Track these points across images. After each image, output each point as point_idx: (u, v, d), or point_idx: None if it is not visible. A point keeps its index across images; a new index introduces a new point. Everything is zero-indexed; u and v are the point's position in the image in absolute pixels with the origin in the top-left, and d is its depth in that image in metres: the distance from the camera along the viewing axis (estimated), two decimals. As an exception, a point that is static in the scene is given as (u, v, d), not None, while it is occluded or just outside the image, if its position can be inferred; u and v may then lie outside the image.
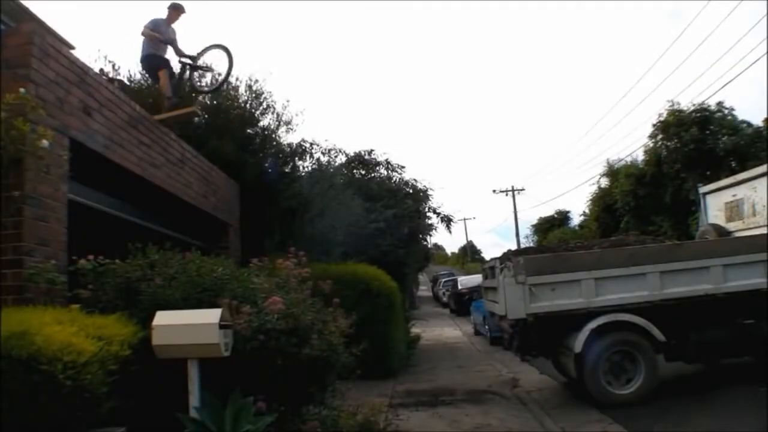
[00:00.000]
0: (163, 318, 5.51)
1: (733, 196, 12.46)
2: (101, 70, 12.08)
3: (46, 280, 5.90)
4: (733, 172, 18.71)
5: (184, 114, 11.22)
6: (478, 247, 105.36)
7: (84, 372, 4.19)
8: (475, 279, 27.47)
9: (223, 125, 14.03)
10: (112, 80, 11.52)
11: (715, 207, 13.24)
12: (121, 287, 6.11)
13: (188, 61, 11.54)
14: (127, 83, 13.73)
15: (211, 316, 5.51)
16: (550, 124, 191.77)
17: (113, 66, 13.69)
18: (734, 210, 12.41)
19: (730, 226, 12.34)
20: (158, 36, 11.09)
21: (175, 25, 11.52)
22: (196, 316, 5.58)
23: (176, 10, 11.55)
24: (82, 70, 7.22)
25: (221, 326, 5.47)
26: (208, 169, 11.46)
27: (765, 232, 10.90)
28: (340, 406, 7.50)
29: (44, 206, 6.19)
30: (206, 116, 13.93)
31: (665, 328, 10.35)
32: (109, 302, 5.93)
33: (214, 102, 14.61)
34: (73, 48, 7.86)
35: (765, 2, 28.24)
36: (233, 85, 14.99)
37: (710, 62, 70.78)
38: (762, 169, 11.69)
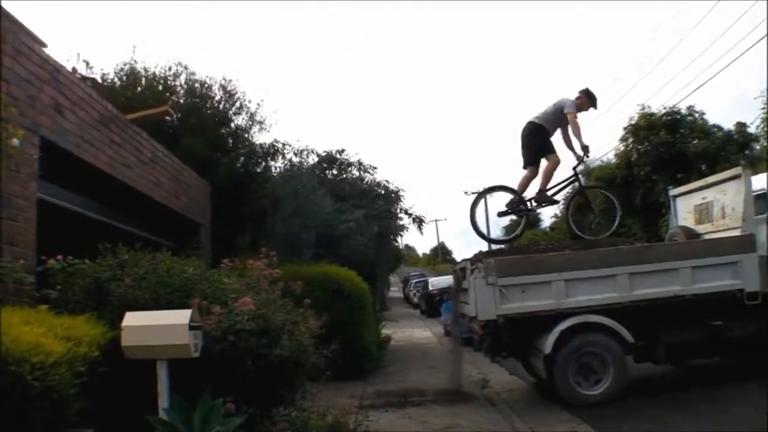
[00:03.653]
0: (132, 319, 5.48)
1: (703, 199, 12.56)
2: (74, 68, 11.98)
3: (14, 280, 5.82)
4: (703, 176, 18.88)
5: (157, 113, 11.17)
6: (450, 249, 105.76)
7: (52, 373, 4.17)
8: (446, 280, 27.52)
9: (196, 124, 13.99)
10: (85, 79, 11.41)
11: (684, 210, 13.34)
12: (91, 287, 6.07)
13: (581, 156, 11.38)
14: (100, 82, 13.64)
15: (181, 316, 5.49)
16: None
17: (87, 64, 13.60)
18: (703, 213, 12.50)
19: (700, 229, 12.44)
20: (578, 126, 10.89)
21: (580, 115, 11.13)
22: (165, 316, 5.56)
23: (589, 101, 11.28)
24: (54, 68, 7.18)
25: (191, 327, 5.45)
26: (180, 169, 11.42)
27: (733, 234, 11.05)
28: (310, 408, 7.51)
29: (13, 205, 6.13)
30: (179, 115, 13.88)
31: (635, 329, 10.45)
32: (78, 303, 5.88)
33: (188, 101, 14.57)
34: (45, 46, 7.77)
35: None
36: (207, 84, 14.98)
37: (682, 66, 71.44)
38: (732, 172, 11.81)
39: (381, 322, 21.98)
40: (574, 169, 11.65)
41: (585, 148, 11.16)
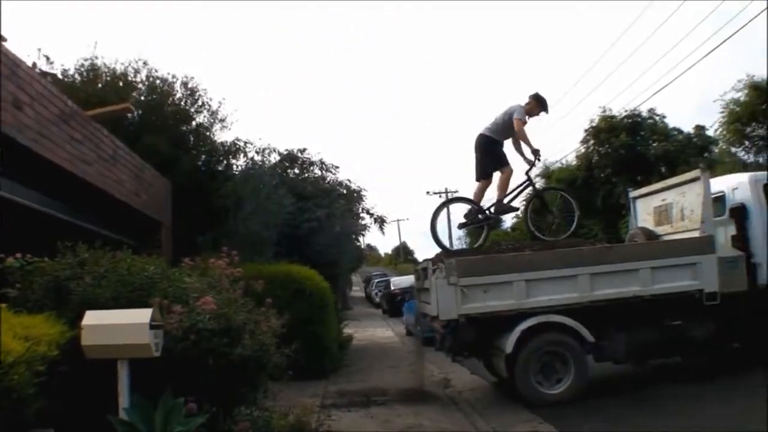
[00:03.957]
0: (92, 318, 5.43)
1: (663, 200, 12.70)
2: (34, 63, 11.80)
3: (-29, 279, 5.76)
4: (663, 178, 19.11)
5: (118, 110, 11.05)
6: (411, 248, 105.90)
7: (11, 373, 4.12)
8: (408, 280, 27.58)
9: (157, 122, 13.86)
10: (45, 74, 11.23)
11: (644, 211, 13.49)
12: (50, 286, 5.99)
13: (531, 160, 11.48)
14: (61, 77, 13.44)
15: (142, 315, 5.45)
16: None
17: (47, 59, 13.40)
18: (663, 214, 12.64)
19: (659, 230, 12.58)
20: (524, 132, 11.00)
21: (531, 120, 11.28)
22: (126, 315, 5.52)
23: (539, 105, 11.36)
24: (14, 62, 7.07)
25: (152, 326, 5.41)
26: (141, 166, 11.30)
27: (693, 236, 11.21)
28: (272, 407, 7.48)
29: (-30, 202, 6.05)
30: (140, 112, 13.75)
31: (595, 329, 10.57)
32: (38, 301, 5.79)
33: (149, 98, 14.44)
34: (5, 40, 7.66)
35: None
36: (168, 81, 14.85)
37: (644, 69, 72.47)
38: (691, 174, 11.96)
39: (343, 322, 21.94)
40: (527, 173, 11.75)
41: (536, 153, 11.27)
